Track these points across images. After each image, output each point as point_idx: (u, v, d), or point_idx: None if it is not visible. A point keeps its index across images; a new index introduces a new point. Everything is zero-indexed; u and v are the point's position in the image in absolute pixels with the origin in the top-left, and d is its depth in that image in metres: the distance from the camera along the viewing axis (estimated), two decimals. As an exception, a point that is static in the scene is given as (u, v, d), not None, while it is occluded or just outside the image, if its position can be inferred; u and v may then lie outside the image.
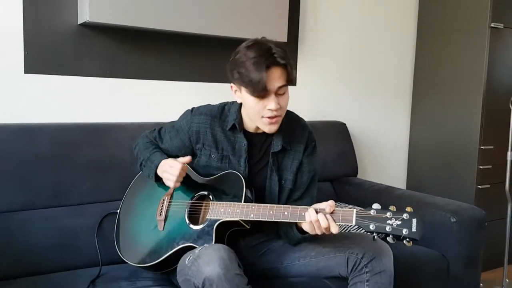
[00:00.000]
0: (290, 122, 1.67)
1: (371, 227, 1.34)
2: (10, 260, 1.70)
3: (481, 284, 2.31)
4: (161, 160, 1.64)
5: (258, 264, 1.66)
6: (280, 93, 1.49)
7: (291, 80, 1.49)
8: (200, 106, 1.71)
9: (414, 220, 1.32)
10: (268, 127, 1.54)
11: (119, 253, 1.70)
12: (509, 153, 2.51)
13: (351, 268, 1.53)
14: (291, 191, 1.65)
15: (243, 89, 1.50)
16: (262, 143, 1.65)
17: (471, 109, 2.81)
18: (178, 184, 1.58)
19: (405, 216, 1.32)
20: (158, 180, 1.66)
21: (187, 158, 1.60)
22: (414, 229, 1.31)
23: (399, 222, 1.32)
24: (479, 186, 2.80)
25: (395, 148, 3.17)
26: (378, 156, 3.09)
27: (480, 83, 2.76)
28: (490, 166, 2.82)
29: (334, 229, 1.38)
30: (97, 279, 1.67)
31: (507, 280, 2.61)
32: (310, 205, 1.46)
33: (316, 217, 1.39)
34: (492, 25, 2.70)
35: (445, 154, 2.97)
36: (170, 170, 1.57)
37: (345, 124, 2.75)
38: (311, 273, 1.64)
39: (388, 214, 1.34)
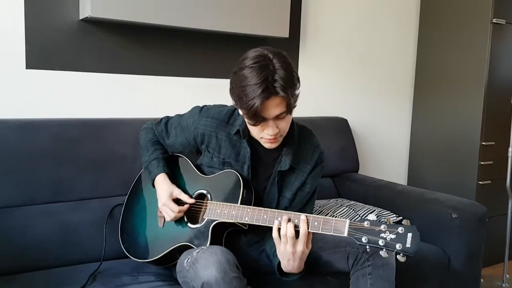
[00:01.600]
0: (302, 140, 1.62)
1: (364, 239, 1.29)
2: (12, 256, 1.70)
3: (482, 280, 2.31)
4: (157, 175, 1.65)
5: (259, 260, 1.66)
6: (280, 117, 1.42)
7: (290, 108, 1.41)
8: (211, 106, 1.66)
9: (409, 235, 1.25)
10: (268, 145, 1.49)
11: (122, 246, 1.71)
12: (510, 149, 2.51)
13: (353, 262, 1.53)
14: (286, 208, 1.60)
15: (241, 111, 1.44)
16: (269, 155, 1.60)
17: (473, 105, 2.81)
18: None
19: (400, 230, 1.27)
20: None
21: (185, 207, 1.59)
22: (408, 245, 1.25)
23: (393, 236, 1.27)
24: (480, 182, 2.80)
25: (396, 144, 3.17)
26: (379, 152, 3.09)
27: (481, 79, 2.75)
28: (491, 162, 2.82)
29: (300, 243, 1.35)
30: (100, 274, 1.67)
31: (508, 275, 2.62)
32: None
33: (292, 233, 1.34)
34: (494, 21, 2.69)
35: (446, 150, 2.97)
36: (168, 211, 1.58)
37: (346, 120, 2.75)
38: (313, 269, 1.63)
39: (382, 227, 1.29)
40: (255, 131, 1.46)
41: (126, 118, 2.08)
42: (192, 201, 1.59)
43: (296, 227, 1.37)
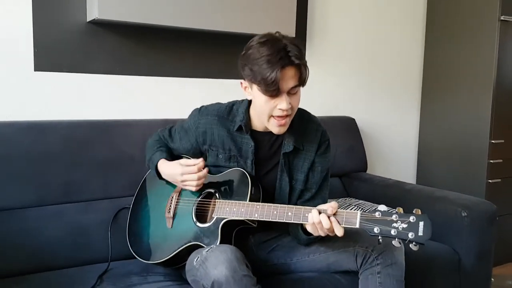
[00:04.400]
0: (302, 121, 1.63)
1: (376, 230, 1.30)
2: (23, 257, 1.72)
3: (493, 279, 2.29)
4: (158, 160, 1.65)
5: (268, 260, 1.66)
6: (292, 92, 1.46)
7: (303, 80, 1.45)
8: (209, 105, 1.69)
9: (421, 223, 1.27)
10: (277, 129, 1.51)
11: (130, 249, 1.72)
12: (520, 147, 2.49)
13: (361, 261, 1.52)
14: (302, 191, 1.62)
15: (254, 86, 1.46)
16: (272, 143, 1.62)
17: (481, 103, 2.79)
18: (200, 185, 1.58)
19: (411, 219, 1.28)
20: (162, 178, 1.68)
21: (202, 162, 1.56)
22: (420, 233, 1.26)
23: (405, 225, 1.28)
24: (490, 181, 2.78)
25: (404, 143, 3.16)
26: (387, 151, 3.08)
27: (490, 76, 2.73)
28: (501, 160, 2.80)
29: (338, 231, 1.34)
30: (110, 274, 1.68)
31: (519, 274, 2.60)
32: None
33: (319, 219, 1.36)
34: (502, 18, 2.67)
35: (455, 148, 2.95)
36: (190, 176, 1.55)
37: (354, 119, 2.74)
38: (322, 268, 1.63)
39: (394, 217, 1.30)
40: (266, 109, 1.47)
41: (135, 119, 2.09)
42: (201, 159, 1.57)
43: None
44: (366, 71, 2.94)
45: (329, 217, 1.36)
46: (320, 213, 1.37)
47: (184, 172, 1.56)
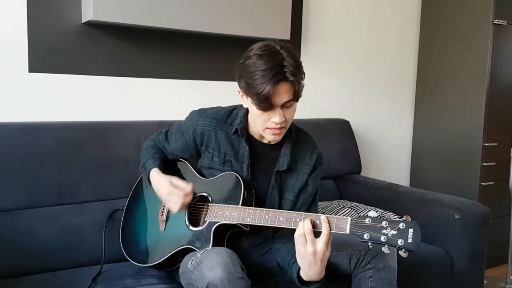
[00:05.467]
0: (299, 140, 1.63)
1: (366, 236, 1.30)
2: (17, 258, 1.71)
3: (485, 281, 2.31)
4: (151, 170, 1.64)
5: (262, 263, 1.66)
6: (286, 106, 1.45)
7: (298, 96, 1.44)
8: (208, 108, 1.68)
9: (411, 230, 1.27)
10: (272, 137, 1.51)
11: (123, 252, 1.72)
12: (512, 150, 2.51)
13: (354, 264, 1.53)
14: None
15: (249, 98, 1.46)
16: (268, 154, 1.61)
17: (475, 106, 2.81)
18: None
19: (401, 226, 1.28)
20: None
21: (190, 189, 1.56)
22: (410, 240, 1.26)
23: (394, 232, 1.28)
24: (483, 183, 2.80)
25: (398, 145, 3.17)
26: (381, 154, 3.09)
27: (483, 80, 2.75)
28: (494, 163, 2.81)
29: (326, 229, 1.33)
30: (104, 276, 1.68)
31: (511, 277, 2.61)
32: None
33: (302, 230, 1.34)
34: (495, 22, 2.69)
35: (448, 151, 2.97)
36: (174, 198, 1.55)
37: (348, 121, 2.75)
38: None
39: (384, 223, 1.30)
40: (260, 121, 1.47)
41: (129, 121, 2.09)
42: (191, 185, 1.56)
43: (315, 227, 1.36)
44: (361, 74, 2.95)
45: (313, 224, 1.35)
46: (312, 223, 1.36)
47: (170, 193, 1.56)
